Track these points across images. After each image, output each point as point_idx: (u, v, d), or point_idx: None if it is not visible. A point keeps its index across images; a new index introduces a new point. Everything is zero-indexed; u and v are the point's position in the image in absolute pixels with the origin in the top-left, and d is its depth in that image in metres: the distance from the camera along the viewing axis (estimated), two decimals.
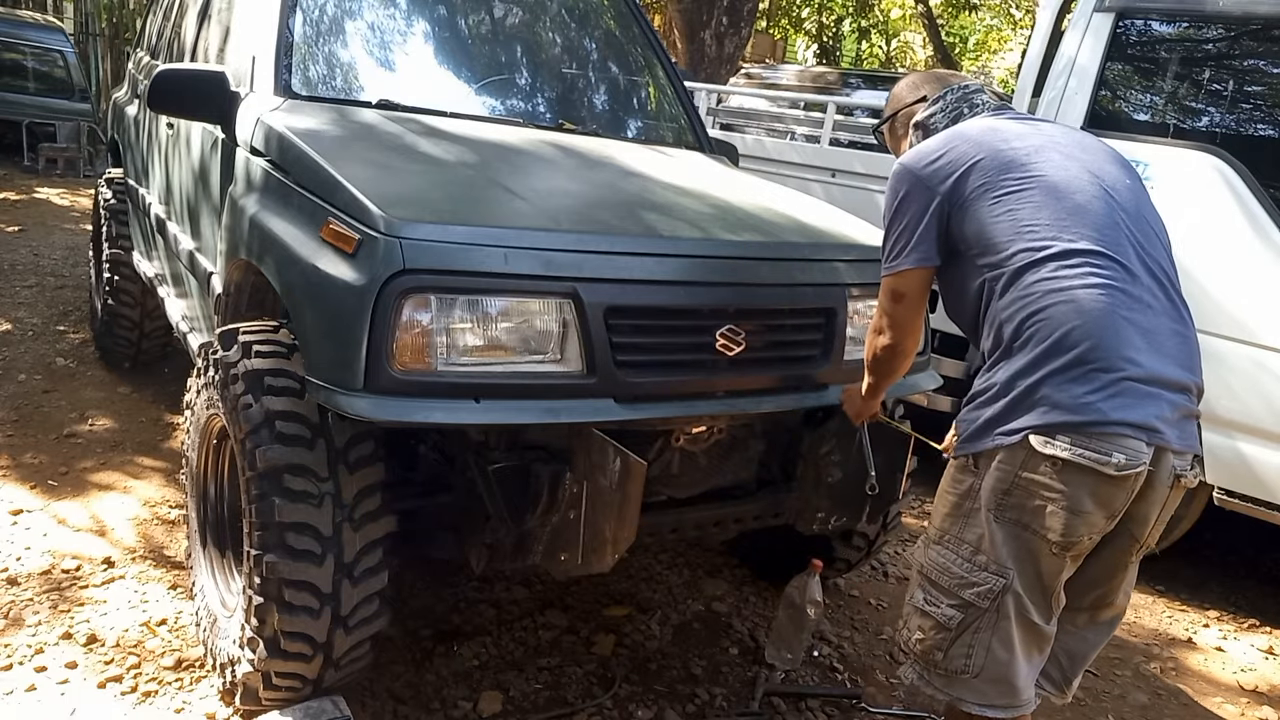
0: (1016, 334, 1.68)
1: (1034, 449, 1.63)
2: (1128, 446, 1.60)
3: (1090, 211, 1.71)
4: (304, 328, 1.98)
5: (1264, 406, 3.27)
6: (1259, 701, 3.00)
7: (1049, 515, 1.64)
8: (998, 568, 1.70)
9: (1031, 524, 1.66)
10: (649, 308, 2.01)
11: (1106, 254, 1.67)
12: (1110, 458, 1.59)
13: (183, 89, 2.63)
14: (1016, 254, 1.69)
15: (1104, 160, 1.84)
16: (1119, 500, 1.64)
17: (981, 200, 1.74)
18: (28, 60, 11.27)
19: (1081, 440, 1.60)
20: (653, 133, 3.44)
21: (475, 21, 3.31)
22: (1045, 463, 1.62)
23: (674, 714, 2.47)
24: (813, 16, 18.65)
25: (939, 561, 1.78)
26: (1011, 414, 1.66)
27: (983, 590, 1.71)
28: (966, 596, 1.73)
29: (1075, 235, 1.68)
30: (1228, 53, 3.62)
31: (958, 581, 1.74)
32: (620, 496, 1.89)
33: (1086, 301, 1.63)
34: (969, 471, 1.75)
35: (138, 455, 3.72)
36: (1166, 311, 1.70)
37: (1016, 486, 1.66)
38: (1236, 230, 3.32)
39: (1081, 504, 1.62)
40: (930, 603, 1.79)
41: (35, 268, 6.48)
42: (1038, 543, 1.67)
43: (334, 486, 1.94)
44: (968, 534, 1.74)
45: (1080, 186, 1.74)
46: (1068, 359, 1.61)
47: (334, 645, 2.02)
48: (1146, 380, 1.62)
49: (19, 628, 2.52)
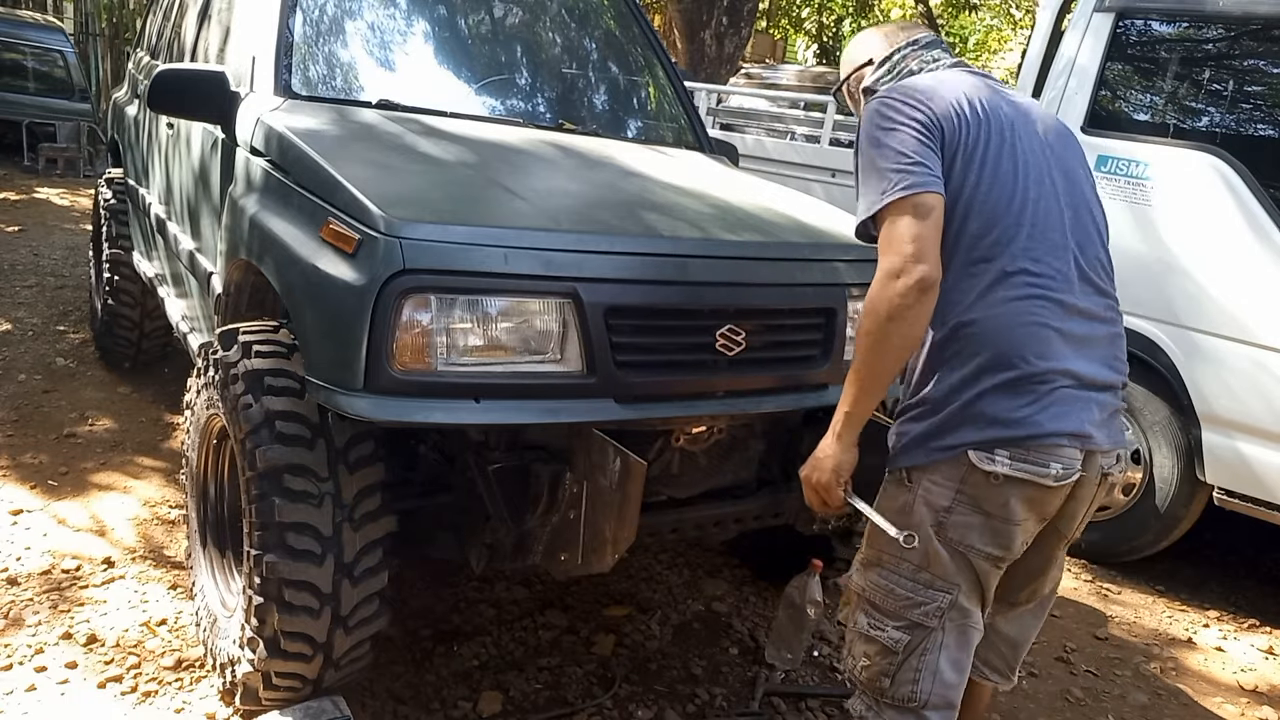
0: (950, 343, 1.62)
1: (973, 465, 1.59)
2: (1063, 456, 1.59)
3: (1037, 214, 1.64)
4: (304, 328, 1.98)
5: (1264, 406, 3.27)
6: (1259, 701, 3.00)
7: (989, 529, 1.62)
8: (944, 584, 1.65)
9: (975, 542, 1.63)
10: (649, 308, 2.01)
11: (1046, 264, 1.62)
12: (1049, 469, 1.58)
13: (183, 89, 2.63)
14: (957, 255, 1.62)
15: (1055, 142, 1.75)
16: (1052, 506, 1.64)
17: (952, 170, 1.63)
18: (28, 60, 11.27)
19: (1020, 454, 1.57)
20: (653, 133, 3.44)
21: (475, 21, 3.31)
22: (985, 478, 1.59)
23: (674, 714, 2.47)
24: (813, 16, 18.65)
25: (881, 583, 1.70)
26: (948, 429, 1.61)
27: (930, 609, 1.66)
28: (913, 617, 1.67)
29: (1020, 245, 1.61)
30: (1228, 53, 3.62)
31: (903, 602, 1.67)
32: (620, 496, 1.89)
33: (1022, 315, 1.59)
34: (904, 487, 1.69)
35: (138, 455, 3.72)
36: (1098, 314, 1.68)
37: (957, 502, 1.62)
38: (1236, 230, 3.32)
39: (1018, 514, 1.61)
40: (875, 626, 1.71)
41: (35, 268, 6.48)
42: (977, 555, 1.64)
43: (334, 486, 1.94)
44: (909, 553, 1.67)
45: (1032, 184, 1.66)
46: (1003, 373, 1.58)
47: (334, 645, 2.01)
48: (1078, 386, 1.61)
49: (19, 628, 2.52)
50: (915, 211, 1.56)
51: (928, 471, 1.64)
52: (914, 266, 1.53)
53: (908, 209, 1.56)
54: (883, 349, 1.57)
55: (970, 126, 1.65)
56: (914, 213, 1.56)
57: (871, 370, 1.60)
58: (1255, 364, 3.28)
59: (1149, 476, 3.61)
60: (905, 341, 1.57)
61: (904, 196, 1.56)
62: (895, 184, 1.57)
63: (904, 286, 1.53)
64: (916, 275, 1.53)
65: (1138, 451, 3.62)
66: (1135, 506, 3.64)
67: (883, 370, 1.60)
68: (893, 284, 1.54)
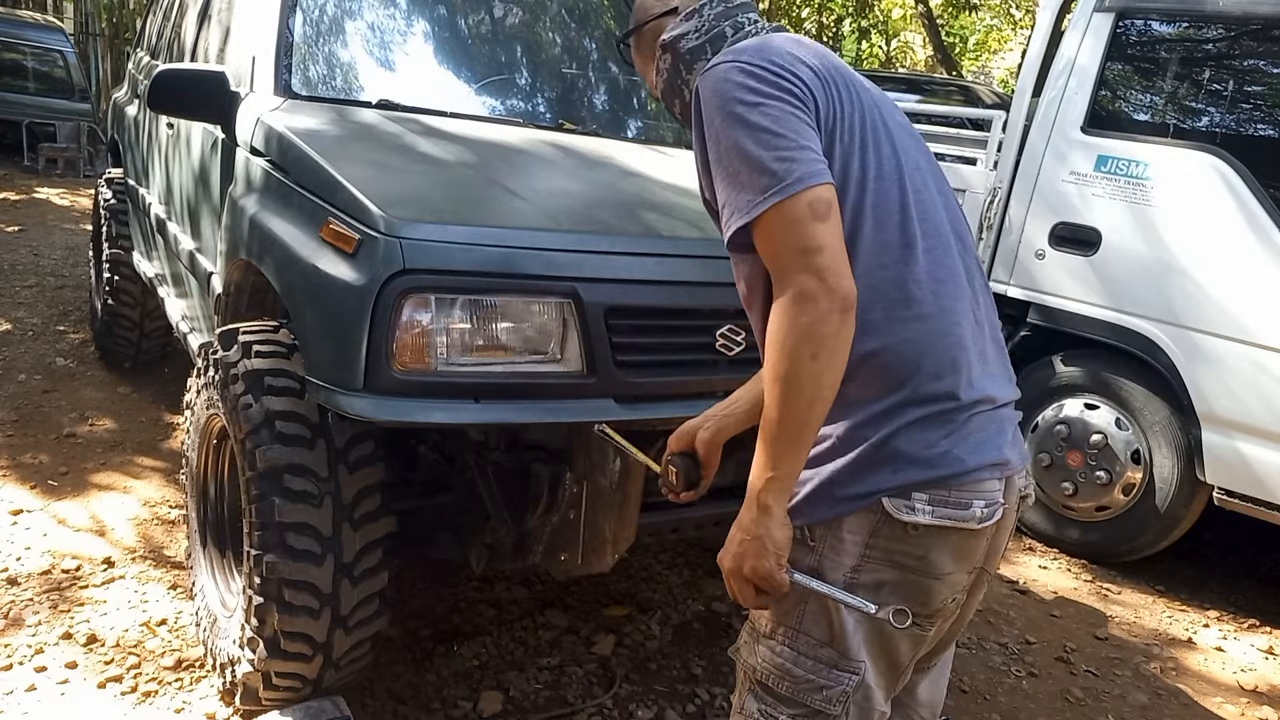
0: (855, 375, 1.27)
1: (887, 514, 1.28)
2: (985, 491, 1.32)
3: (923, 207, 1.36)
4: (304, 328, 1.98)
5: (1264, 406, 3.27)
6: (1259, 701, 2.99)
7: (909, 588, 1.32)
8: (850, 663, 1.34)
9: (890, 600, 1.32)
10: (649, 308, 2.01)
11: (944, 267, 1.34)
12: (971, 510, 1.30)
13: (183, 89, 2.63)
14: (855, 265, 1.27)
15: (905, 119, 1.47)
16: (979, 551, 1.36)
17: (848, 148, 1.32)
18: (28, 60, 11.28)
19: (940, 496, 1.29)
20: (653, 133, 3.44)
21: (475, 21, 3.31)
22: (902, 529, 1.29)
23: (674, 714, 2.47)
24: (813, 16, 18.65)
25: (775, 663, 1.37)
26: (857, 473, 1.30)
27: (834, 693, 1.34)
28: (814, 703, 1.35)
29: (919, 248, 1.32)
30: (1228, 53, 3.62)
31: (802, 685, 1.35)
32: (620, 496, 1.89)
33: (937, 337, 1.30)
34: (805, 548, 1.33)
35: (138, 455, 3.72)
36: (988, 320, 1.42)
37: (868, 560, 1.31)
38: (1236, 230, 3.32)
39: (943, 567, 1.32)
40: (766, 714, 1.39)
41: (35, 268, 6.48)
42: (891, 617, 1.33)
43: (334, 486, 1.94)
44: (809, 625, 1.34)
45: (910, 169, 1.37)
46: (924, 407, 1.28)
47: (334, 645, 2.02)
48: (992, 405, 1.35)
49: (19, 628, 2.52)
50: (813, 211, 1.20)
51: (833, 526, 1.33)
52: (828, 284, 1.18)
53: (802, 210, 1.20)
54: (809, 393, 1.20)
55: (842, 100, 1.34)
56: (811, 213, 1.20)
57: (796, 421, 1.21)
58: (1255, 364, 3.28)
59: (1149, 476, 3.61)
60: (834, 378, 1.21)
61: (795, 194, 1.21)
62: (780, 178, 1.21)
63: (822, 312, 1.18)
64: (834, 296, 1.18)
65: (1138, 451, 3.62)
66: (1135, 506, 3.65)
67: (811, 418, 1.22)
68: (806, 311, 1.18)
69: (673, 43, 1.51)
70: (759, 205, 1.23)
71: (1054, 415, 3.79)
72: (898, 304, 1.29)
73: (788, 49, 1.35)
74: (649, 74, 1.60)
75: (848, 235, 1.28)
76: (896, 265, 1.30)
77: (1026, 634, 3.18)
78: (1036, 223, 3.82)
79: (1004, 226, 3.93)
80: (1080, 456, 3.71)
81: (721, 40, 1.47)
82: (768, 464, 1.25)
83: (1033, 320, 3.88)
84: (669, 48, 1.52)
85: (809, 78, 1.32)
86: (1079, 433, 3.71)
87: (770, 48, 1.35)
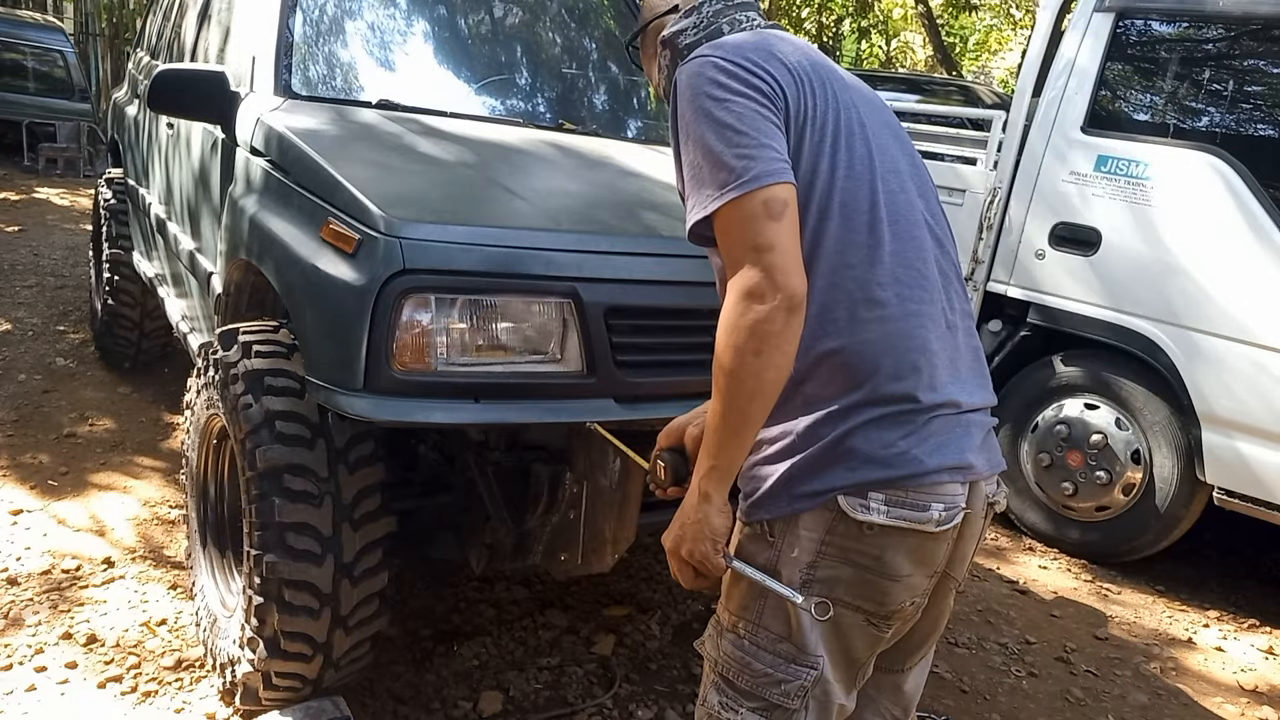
0: (815, 374, 1.32)
1: (843, 512, 1.30)
2: (945, 494, 1.33)
3: (896, 208, 1.37)
4: (304, 328, 1.98)
5: (1264, 407, 3.27)
6: (1259, 701, 3.00)
7: (864, 586, 1.34)
8: (807, 658, 1.37)
9: (844, 595, 1.35)
10: (649, 308, 2.01)
11: (914, 270, 1.36)
12: (929, 513, 1.31)
13: (183, 89, 2.63)
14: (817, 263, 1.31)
15: (890, 119, 1.49)
16: (940, 555, 1.38)
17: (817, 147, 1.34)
18: (28, 60, 11.28)
19: (896, 497, 1.30)
20: (653, 133, 3.44)
21: (475, 21, 3.31)
22: (858, 528, 1.31)
23: (674, 714, 2.47)
24: (813, 16, 18.65)
25: (735, 655, 1.43)
26: (814, 471, 1.32)
27: (792, 688, 1.38)
28: (772, 698, 1.39)
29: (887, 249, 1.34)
30: (1228, 53, 3.63)
31: (760, 680, 1.40)
32: (620, 496, 1.89)
33: (899, 338, 1.32)
34: (764, 542, 1.37)
35: (138, 455, 3.72)
36: (962, 325, 1.43)
37: (824, 557, 1.33)
38: (1236, 230, 3.32)
39: (900, 569, 1.33)
40: (728, 707, 1.44)
41: (35, 268, 6.48)
42: (851, 618, 1.36)
43: (334, 486, 1.94)
44: (768, 619, 1.38)
45: (887, 171, 1.39)
46: (881, 408, 1.30)
47: (334, 645, 2.02)
48: (956, 410, 1.36)
49: (19, 628, 2.52)
50: (767, 209, 1.24)
51: (791, 523, 1.35)
52: (775, 281, 1.22)
53: (757, 207, 1.24)
54: (750, 388, 1.25)
55: (816, 98, 1.36)
56: (765, 211, 1.24)
57: (737, 414, 1.28)
58: (1255, 364, 3.28)
59: (1149, 476, 3.61)
60: (777, 375, 1.26)
61: (750, 191, 1.25)
62: (738, 175, 1.25)
63: (767, 310, 1.22)
64: (780, 294, 1.22)
65: (1138, 451, 3.62)
66: (1135, 506, 3.65)
67: (751, 412, 1.28)
68: (752, 308, 1.23)
69: (672, 38, 1.54)
70: (715, 200, 1.27)
71: (1054, 415, 3.79)
72: (860, 304, 1.31)
73: (767, 46, 1.38)
74: (653, 71, 1.64)
75: (812, 232, 1.31)
76: (862, 265, 1.32)
77: (1026, 634, 3.18)
78: (1036, 223, 3.82)
79: (1004, 226, 3.93)
80: (1080, 456, 3.71)
81: (717, 37, 1.48)
82: (708, 453, 1.31)
83: (1032, 320, 3.88)
84: (668, 43, 1.55)
85: (782, 75, 1.34)
86: (1079, 433, 3.71)
87: (748, 44, 1.38)
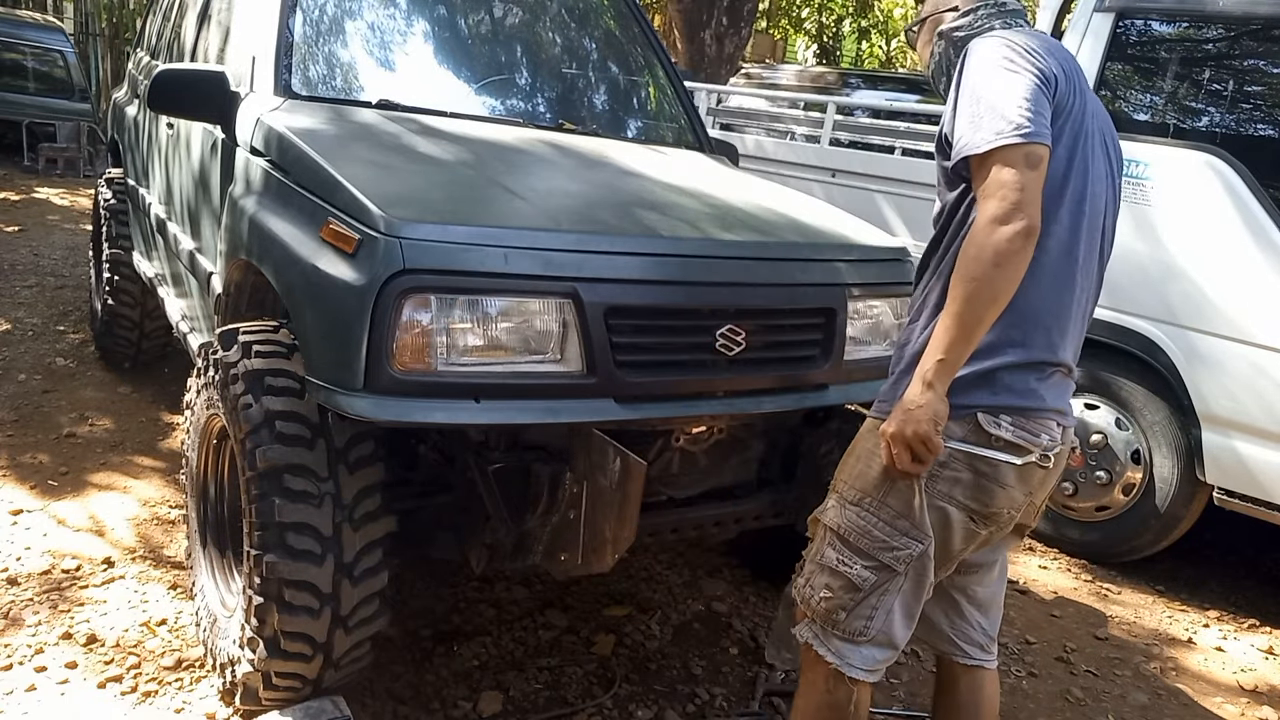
0: None
1: (979, 425, 1.65)
2: (1052, 429, 1.70)
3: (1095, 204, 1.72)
4: (304, 328, 1.98)
5: (1263, 407, 3.27)
6: (1259, 701, 3.00)
7: (979, 488, 1.68)
8: (920, 534, 1.69)
9: (959, 495, 1.69)
10: (649, 308, 2.01)
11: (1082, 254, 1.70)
12: (1040, 439, 1.67)
13: (183, 89, 2.63)
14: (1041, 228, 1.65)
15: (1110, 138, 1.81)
16: (1037, 478, 1.73)
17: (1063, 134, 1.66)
18: (28, 60, 11.26)
19: (1021, 421, 1.66)
20: (653, 133, 3.44)
21: (475, 21, 3.31)
22: (987, 439, 1.66)
23: (674, 714, 2.47)
24: (813, 16, 18.63)
25: (858, 523, 1.73)
26: (960, 389, 1.63)
27: (902, 555, 1.70)
28: (884, 559, 1.71)
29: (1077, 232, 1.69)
30: (1228, 53, 3.62)
31: (877, 544, 1.71)
32: (620, 496, 1.89)
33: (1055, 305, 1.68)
34: None
35: (137, 455, 3.72)
36: (1088, 292, 1.76)
37: (954, 458, 1.67)
38: (1236, 230, 3.32)
39: (1008, 479, 1.68)
40: (843, 562, 1.75)
41: (35, 268, 6.48)
42: (962, 514, 1.70)
43: (334, 486, 1.94)
44: (892, 499, 1.71)
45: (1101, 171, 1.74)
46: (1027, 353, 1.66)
47: (334, 645, 2.02)
48: (1065, 370, 1.73)
49: (19, 628, 2.52)
50: (1028, 160, 1.55)
51: None
52: (1021, 213, 1.53)
53: (1021, 156, 1.55)
54: (984, 294, 1.55)
55: (1075, 97, 1.67)
56: (1026, 161, 1.55)
57: (970, 315, 1.56)
58: (1255, 364, 3.28)
59: (1149, 476, 3.61)
60: (1008, 286, 1.56)
61: (1019, 143, 1.55)
62: (1014, 127, 1.55)
63: (1011, 232, 1.53)
64: (1024, 222, 1.53)
65: (1138, 451, 3.62)
66: (1135, 506, 3.64)
67: (982, 315, 1.57)
68: (1000, 229, 1.53)
69: (949, 32, 1.85)
70: (991, 143, 1.57)
71: None
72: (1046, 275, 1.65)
73: (1046, 43, 1.70)
74: (925, 55, 1.94)
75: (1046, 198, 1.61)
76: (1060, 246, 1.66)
77: (1026, 634, 3.18)
78: None
79: None
80: (1080, 456, 3.71)
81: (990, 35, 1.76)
82: (939, 348, 1.60)
83: None
84: (945, 35, 1.86)
85: (1056, 70, 1.65)
86: (1079, 433, 3.71)
87: (1034, 37, 1.70)
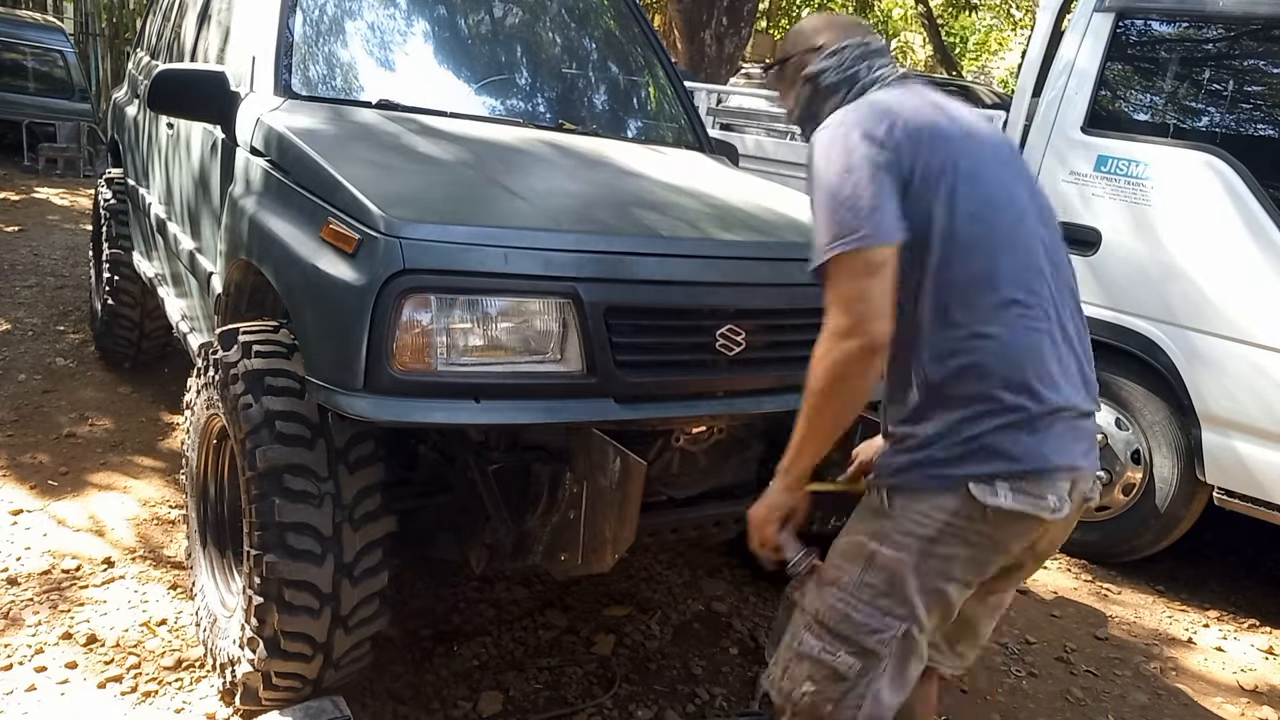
0: (953, 383, 1.55)
1: (971, 496, 1.53)
2: (1059, 489, 1.56)
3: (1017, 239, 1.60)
4: (304, 328, 1.98)
5: (1263, 407, 3.27)
6: (1259, 701, 3.00)
7: (973, 561, 1.58)
8: (905, 611, 1.59)
9: (955, 572, 1.58)
10: (649, 308, 2.01)
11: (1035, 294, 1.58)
12: (1046, 501, 1.54)
13: (183, 89, 2.63)
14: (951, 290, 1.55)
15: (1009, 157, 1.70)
16: (1046, 538, 1.63)
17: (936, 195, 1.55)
18: (28, 60, 11.25)
19: (1020, 486, 1.53)
20: (652, 133, 3.44)
21: (475, 21, 3.31)
22: (982, 511, 1.53)
23: (674, 714, 2.47)
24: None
25: (838, 607, 1.62)
26: (949, 461, 1.55)
27: (886, 636, 1.59)
28: (869, 644, 1.60)
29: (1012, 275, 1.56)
30: (1228, 53, 3.62)
31: (860, 629, 1.60)
32: (620, 496, 1.89)
33: (1025, 352, 1.55)
34: (880, 512, 1.62)
35: (137, 455, 3.72)
36: (1076, 335, 1.64)
37: (947, 534, 1.56)
38: (1236, 230, 3.32)
39: (1009, 545, 1.59)
40: (827, 650, 1.63)
41: (35, 268, 6.48)
42: (960, 585, 1.60)
43: (334, 486, 1.94)
44: (871, 576, 1.60)
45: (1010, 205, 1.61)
46: (1012, 414, 1.53)
47: (334, 645, 2.02)
48: (1072, 415, 1.58)
49: (19, 628, 2.52)
50: (866, 268, 1.49)
51: (915, 498, 1.58)
52: (861, 328, 1.48)
53: (858, 265, 1.49)
54: (829, 407, 1.55)
55: (935, 153, 1.57)
56: (865, 269, 1.49)
57: (818, 427, 1.57)
58: (1255, 365, 3.28)
59: (1149, 476, 3.61)
60: (854, 398, 1.54)
61: (855, 249, 1.49)
62: (847, 234, 1.49)
63: (853, 348, 1.48)
64: (864, 339, 1.48)
65: (1138, 451, 3.62)
66: (1135, 506, 3.65)
67: (829, 427, 1.57)
68: (840, 345, 1.49)
69: (814, 76, 1.75)
70: (828, 251, 1.51)
71: None
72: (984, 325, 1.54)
73: (892, 112, 1.58)
74: (788, 99, 1.84)
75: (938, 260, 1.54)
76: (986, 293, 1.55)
77: (1026, 634, 3.18)
78: None
79: None
80: None
81: (855, 81, 1.72)
82: (790, 453, 1.61)
83: None
84: (810, 80, 1.76)
85: (901, 134, 1.55)
86: None
87: (876, 112, 1.59)
